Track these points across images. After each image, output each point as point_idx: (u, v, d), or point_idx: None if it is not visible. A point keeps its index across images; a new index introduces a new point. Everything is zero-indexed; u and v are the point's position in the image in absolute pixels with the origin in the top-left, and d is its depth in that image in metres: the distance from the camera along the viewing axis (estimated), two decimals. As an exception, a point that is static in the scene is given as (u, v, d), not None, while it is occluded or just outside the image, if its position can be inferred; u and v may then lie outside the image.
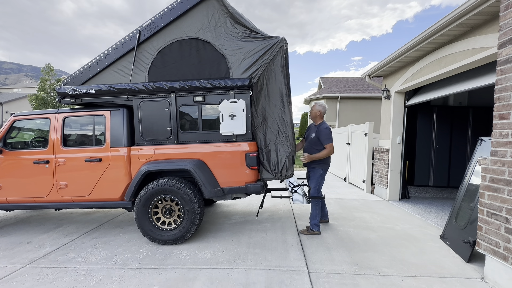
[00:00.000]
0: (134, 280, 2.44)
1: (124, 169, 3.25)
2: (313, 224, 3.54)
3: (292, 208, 4.84)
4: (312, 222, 3.55)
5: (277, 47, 3.23)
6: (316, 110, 3.63)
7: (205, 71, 3.28)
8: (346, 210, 4.75)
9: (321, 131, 3.46)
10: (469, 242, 2.75)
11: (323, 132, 3.45)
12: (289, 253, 2.98)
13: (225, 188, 3.21)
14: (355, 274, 2.55)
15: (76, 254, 2.97)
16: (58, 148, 3.33)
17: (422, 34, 3.96)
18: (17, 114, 3.54)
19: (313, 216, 3.55)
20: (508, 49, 2.23)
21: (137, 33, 3.25)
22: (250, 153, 3.16)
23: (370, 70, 5.98)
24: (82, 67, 3.39)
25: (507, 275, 2.21)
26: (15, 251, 3.08)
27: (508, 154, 2.20)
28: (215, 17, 3.25)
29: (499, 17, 2.37)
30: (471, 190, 3.02)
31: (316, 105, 3.68)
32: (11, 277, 2.52)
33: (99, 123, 3.35)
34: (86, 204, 3.37)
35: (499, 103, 2.30)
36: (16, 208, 3.44)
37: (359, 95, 15.10)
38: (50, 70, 21.45)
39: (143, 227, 3.13)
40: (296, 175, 3.84)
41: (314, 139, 3.52)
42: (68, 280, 2.45)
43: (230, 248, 3.10)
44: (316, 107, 3.65)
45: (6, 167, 3.38)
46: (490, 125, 2.56)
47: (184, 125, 3.29)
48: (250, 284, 2.37)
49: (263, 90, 3.36)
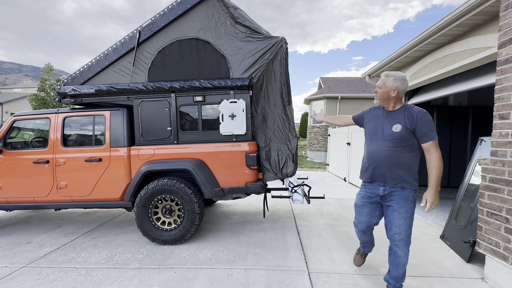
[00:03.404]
0: (134, 280, 2.44)
1: (124, 169, 3.25)
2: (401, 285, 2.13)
3: (292, 208, 4.84)
4: (400, 283, 2.12)
5: (277, 47, 3.23)
6: (391, 86, 1.99)
7: (205, 71, 3.28)
8: (346, 210, 4.75)
9: (421, 118, 1.90)
10: (469, 242, 2.75)
11: (425, 119, 1.90)
12: (289, 253, 2.98)
13: (225, 188, 3.21)
14: (355, 274, 2.55)
15: (76, 254, 2.97)
16: (58, 148, 3.33)
17: (422, 34, 3.96)
18: (17, 114, 3.54)
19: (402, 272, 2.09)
20: (508, 49, 2.23)
21: (137, 33, 3.25)
22: (250, 153, 3.16)
23: (370, 70, 5.98)
24: (82, 67, 3.39)
25: (507, 275, 2.21)
26: (15, 251, 3.08)
27: (508, 154, 2.20)
28: (215, 17, 3.25)
29: (499, 17, 2.37)
30: (471, 190, 3.02)
31: (390, 78, 2.01)
32: (11, 277, 2.52)
33: (99, 123, 3.35)
34: (86, 204, 3.37)
35: (499, 103, 2.30)
36: (16, 208, 3.44)
37: (359, 95, 15.09)
38: (50, 70, 21.47)
39: (143, 227, 3.13)
40: (296, 175, 3.84)
41: (401, 134, 1.95)
42: (68, 280, 2.45)
43: (230, 248, 3.09)
44: (391, 82, 2.00)
45: (6, 167, 3.37)
46: (490, 125, 2.56)
47: (184, 125, 3.29)
48: (250, 284, 2.37)
49: (263, 90, 3.36)
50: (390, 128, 2.00)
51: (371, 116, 2.19)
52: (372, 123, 2.16)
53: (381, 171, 2.05)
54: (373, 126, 2.13)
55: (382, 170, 2.04)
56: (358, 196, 2.31)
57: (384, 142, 2.02)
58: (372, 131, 2.14)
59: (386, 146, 2.00)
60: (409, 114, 1.96)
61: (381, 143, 2.03)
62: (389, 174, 2.01)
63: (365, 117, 2.26)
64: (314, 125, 16.00)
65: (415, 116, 1.93)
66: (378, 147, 2.05)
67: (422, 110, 1.96)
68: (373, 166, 2.10)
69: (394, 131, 1.97)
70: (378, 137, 2.06)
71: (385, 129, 2.03)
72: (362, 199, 2.24)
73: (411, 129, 1.93)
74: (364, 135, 2.23)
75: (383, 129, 2.04)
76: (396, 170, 1.99)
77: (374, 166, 2.09)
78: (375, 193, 2.13)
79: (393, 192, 2.04)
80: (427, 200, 1.92)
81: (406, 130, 1.94)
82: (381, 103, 2.08)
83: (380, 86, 2.03)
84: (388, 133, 2.00)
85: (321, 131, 15.34)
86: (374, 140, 2.10)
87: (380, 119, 2.10)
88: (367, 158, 2.17)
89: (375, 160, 2.08)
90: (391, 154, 1.99)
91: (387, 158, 2.00)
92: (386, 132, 2.01)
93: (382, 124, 2.07)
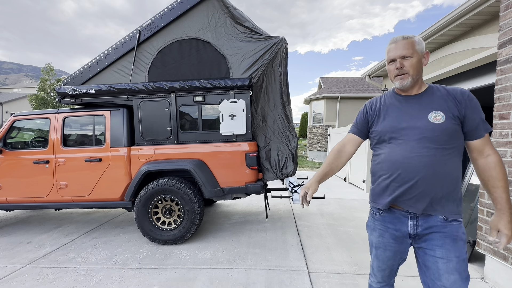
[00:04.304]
0: (134, 280, 2.44)
1: (124, 169, 3.25)
2: None
3: (292, 208, 4.84)
4: None
5: (277, 47, 3.24)
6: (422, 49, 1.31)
7: (205, 71, 3.28)
8: (346, 210, 4.75)
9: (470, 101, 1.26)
10: (469, 242, 2.75)
11: (475, 102, 1.27)
12: (289, 253, 2.98)
13: (225, 188, 3.21)
14: (355, 274, 2.55)
15: (76, 254, 2.97)
16: (58, 148, 3.33)
17: (422, 34, 3.96)
18: (17, 114, 3.54)
19: None
20: (508, 49, 2.23)
21: (137, 33, 3.25)
22: (250, 153, 3.16)
23: (370, 70, 5.98)
24: (82, 67, 3.39)
25: (507, 275, 2.21)
26: (15, 251, 3.08)
27: (508, 154, 2.20)
28: (215, 17, 3.25)
29: (499, 17, 2.37)
30: (471, 190, 3.02)
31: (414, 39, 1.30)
32: (11, 277, 2.52)
33: (99, 123, 3.35)
34: (86, 204, 3.37)
35: (499, 103, 2.30)
36: (16, 208, 3.44)
37: (359, 95, 15.09)
38: (50, 70, 21.48)
39: (143, 227, 3.13)
40: (296, 175, 3.84)
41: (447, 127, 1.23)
42: (68, 280, 2.45)
43: (230, 248, 3.09)
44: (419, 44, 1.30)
45: (6, 167, 3.37)
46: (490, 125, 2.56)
47: (184, 125, 3.29)
48: (250, 284, 2.37)
49: (263, 90, 3.37)
50: (424, 118, 1.24)
51: (381, 109, 1.40)
52: (388, 117, 1.35)
53: (414, 192, 1.24)
54: (392, 120, 1.33)
55: (417, 190, 1.23)
56: (372, 231, 1.47)
57: (418, 142, 1.23)
58: (391, 128, 1.31)
59: (422, 148, 1.22)
60: (449, 95, 1.25)
61: (412, 145, 1.24)
62: (429, 197, 1.22)
63: (368, 115, 1.45)
64: (314, 125, 16.01)
65: (460, 98, 1.24)
66: (406, 152, 1.25)
67: (465, 90, 1.29)
68: (399, 183, 1.26)
69: (433, 122, 1.22)
70: (405, 135, 1.27)
71: (415, 121, 1.26)
72: (382, 239, 1.40)
73: (460, 117, 1.23)
74: (373, 138, 1.43)
75: (412, 122, 1.27)
76: (440, 190, 1.22)
77: (401, 184, 1.26)
78: (400, 231, 1.33)
79: (432, 227, 1.26)
80: (499, 230, 1.20)
81: (452, 119, 1.21)
82: (408, 83, 1.28)
83: (409, 53, 1.26)
84: (424, 127, 1.23)
85: (321, 131, 15.35)
86: (398, 141, 1.29)
87: (400, 108, 1.33)
88: (387, 171, 1.31)
89: (403, 174, 1.25)
90: (434, 162, 1.21)
91: (426, 169, 1.21)
92: (420, 125, 1.24)
93: (407, 115, 1.30)
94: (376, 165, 1.40)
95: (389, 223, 1.37)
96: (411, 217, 1.29)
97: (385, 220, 1.39)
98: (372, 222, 1.48)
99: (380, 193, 1.36)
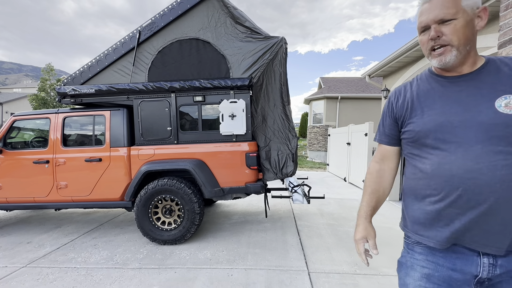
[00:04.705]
0: (134, 280, 2.44)
1: (124, 169, 3.25)
2: None
3: (292, 208, 4.84)
4: None
5: (277, 47, 3.24)
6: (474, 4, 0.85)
7: (205, 71, 3.28)
8: (346, 210, 4.74)
9: None
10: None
11: None
12: (289, 253, 2.98)
13: (225, 188, 3.21)
14: (355, 274, 2.55)
15: (76, 254, 2.97)
16: (58, 148, 3.33)
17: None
18: (17, 114, 3.54)
19: None
20: (508, 49, 2.23)
21: (137, 33, 3.25)
22: (250, 153, 3.16)
23: (370, 70, 5.98)
24: (82, 67, 3.39)
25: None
26: (15, 251, 3.08)
27: None
28: (215, 17, 3.25)
29: (499, 17, 2.37)
30: None
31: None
32: (11, 277, 2.52)
33: (99, 123, 3.35)
34: (86, 204, 3.37)
35: (499, 103, 2.29)
36: (16, 208, 3.44)
37: (359, 95, 15.09)
38: (50, 70, 21.49)
39: (143, 227, 3.13)
40: (296, 175, 3.84)
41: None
42: (68, 280, 2.45)
43: (230, 248, 3.09)
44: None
45: (6, 167, 3.37)
46: None
47: (184, 125, 3.29)
48: (250, 284, 2.37)
49: (263, 90, 3.37)
50: (489, 108, 0.83)
51: (414, 99, 0.98)
52: (428, 110, 0.93)
53: (489, 223, 0.83)
54: (437, 114, 0.90)
55: (494, 219, 0.82)
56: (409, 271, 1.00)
57: (486, 145, 0.82)
58: (436, 126, 0.90)
59: (493, 154, 0.81)
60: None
61: (475, 150, 0.83)
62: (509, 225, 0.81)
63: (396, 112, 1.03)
64: (314, 125, 16.01)
65: None
66: (468, 161, 0.83)
67: None
68: (460, 209, 0.85)
69: (505, 112, 0.81)
70: (461, 136, 0.85)
71: (475, 113, 0.85)
72: (427, 283, 0.94)
73: None
74: (406, 142, 1.01)
75: (470, 114, 0.85)
76: None
77: (465, 211, 0.84)
78: (462, 272, 0.89)
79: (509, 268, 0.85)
80: None
81: None
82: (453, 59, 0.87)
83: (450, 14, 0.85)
84: (491, 121, 0.82)
85: (321, 131, 15.35)
86: (450, 145, 0.87)
87: (446, 95, 0.91)
88: (437, 191, 0.89)
89: (467, 196, 0.83)
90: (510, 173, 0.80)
91: (504, 186, 0.79)
92: (484, 119, 0.83)
93: (459, 104, 0.88)
94: (416, 181, 0.95)
95: (441, 258, 0.92)
96: (484, 256, 0.86)
97: (435, 254, 0.93)
98: (410, 257, 1.00)
99: (429, 223, 0.92)
